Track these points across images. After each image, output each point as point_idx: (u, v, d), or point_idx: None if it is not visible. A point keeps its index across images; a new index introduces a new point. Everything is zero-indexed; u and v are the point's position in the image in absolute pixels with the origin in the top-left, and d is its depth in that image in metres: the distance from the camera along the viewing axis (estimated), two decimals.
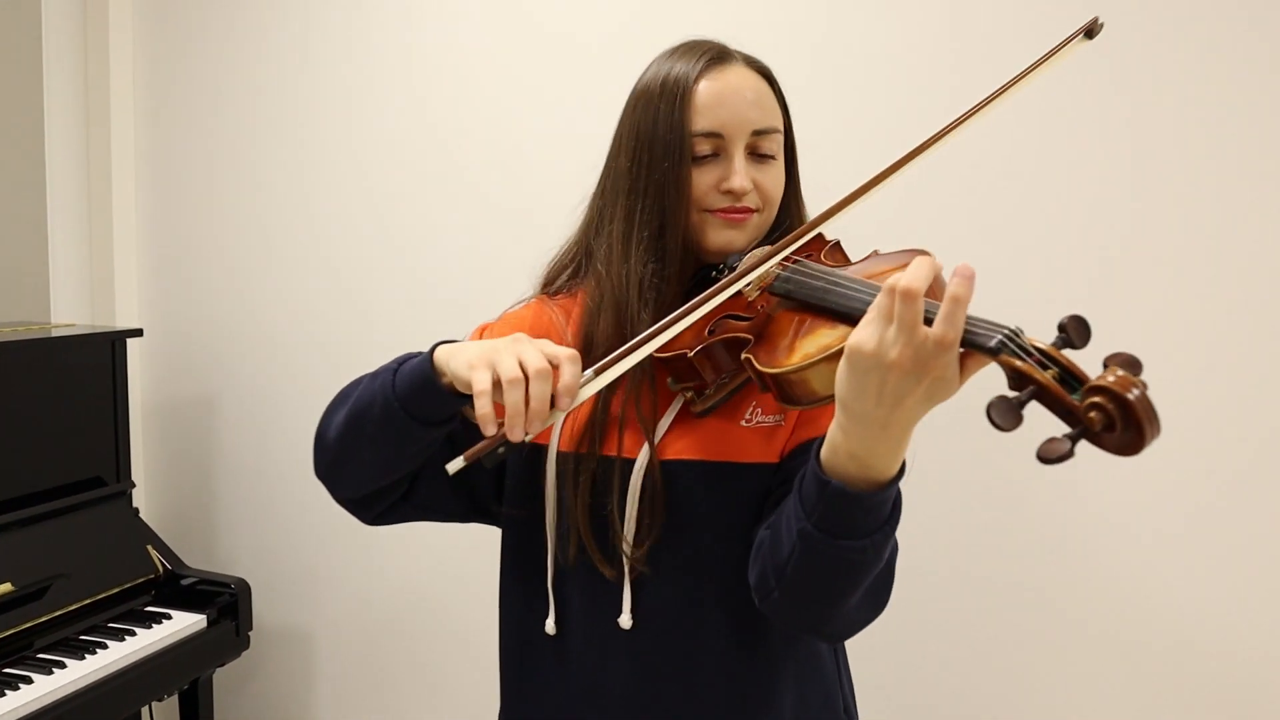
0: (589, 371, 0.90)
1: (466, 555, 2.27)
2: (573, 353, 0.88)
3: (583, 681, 1.06)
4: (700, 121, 1.03)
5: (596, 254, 1.08)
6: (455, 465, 0.87)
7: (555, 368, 0.87)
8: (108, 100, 2.51)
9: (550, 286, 1.16)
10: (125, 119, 2.55)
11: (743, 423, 1.03)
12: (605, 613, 1.04)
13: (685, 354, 0.97)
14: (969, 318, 0.77)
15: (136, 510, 2.32)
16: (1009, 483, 1.76)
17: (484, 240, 2.20)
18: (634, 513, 1.02)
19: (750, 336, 0.96)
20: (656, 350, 0.94)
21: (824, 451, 0.86)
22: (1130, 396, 0.68)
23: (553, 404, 0.86)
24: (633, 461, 1.03)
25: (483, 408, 0.85)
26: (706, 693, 1.04)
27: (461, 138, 2.21)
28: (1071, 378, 0.73)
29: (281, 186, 2.42)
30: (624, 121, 1.09)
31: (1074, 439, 0.70)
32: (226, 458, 2.53)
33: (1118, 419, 0.69)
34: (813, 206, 1.13)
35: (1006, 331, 0.76)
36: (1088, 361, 0.75)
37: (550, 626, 1.08)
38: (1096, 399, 0.70)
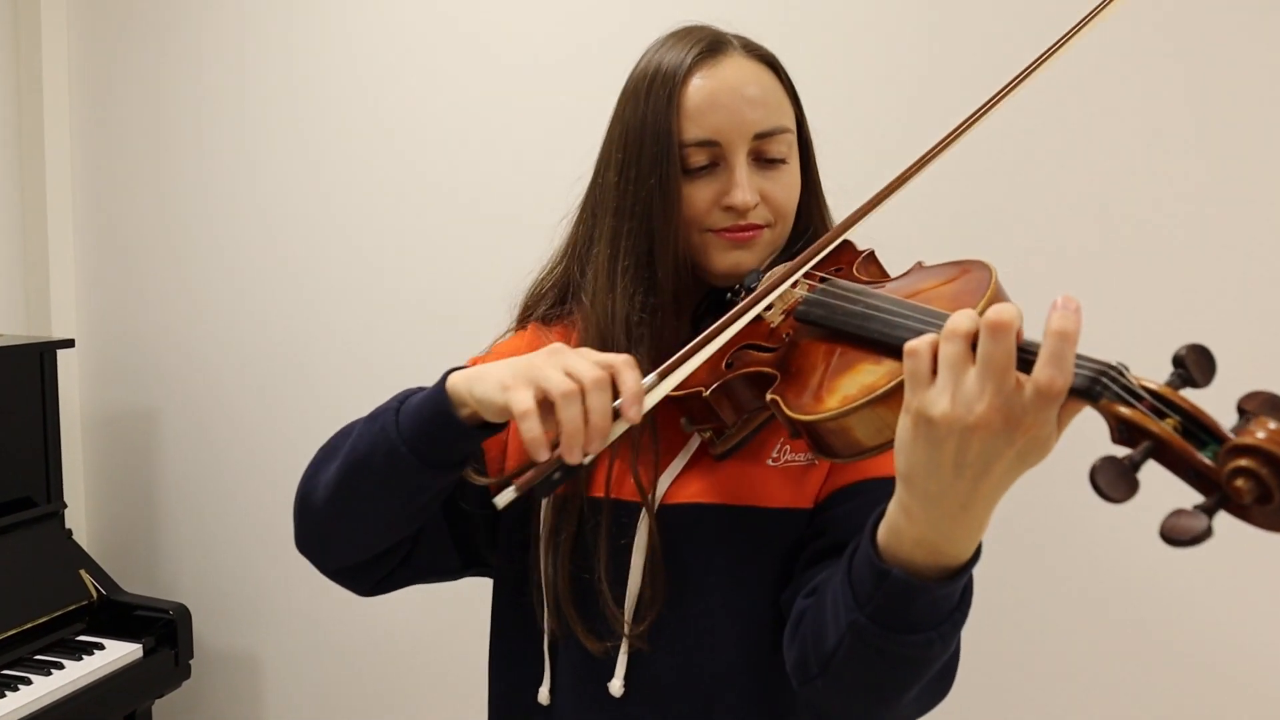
0: (651, 376, 0.78)
1: None
2: (627, 357, 0.76)
3: None
4: (692, 129, 0.89)
5: (582, 282, 0.94)
6: (505, 497, 0.75)
7: (612, 375, 0.74)
8: (40, 97, 2.36)
9: (531, 315, 1.02)
10: (60, 116, 2.40)
11: (769, 462, 0.89)
12: (598, 680, 0.91)
13: (700, 392, 0.82)
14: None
15: (69, 532, 2.18)
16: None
17: (446, 241, 2.09)
18: (638, 574, 0.87)
19: (775, 372, 0.81)
20: (671, 391, 0.81)
21: (883, 534, 0.70)
22: None
23: (615, 416, 0.74)
24: (631, 506, 0.89)
25: (530, 430, 0.72)
26: None
27: (419, 134, 2.09)
28: (1201, 429, 0.57)
29: (228, 188, 2.29)
30: (613, 125, 0.95)
31: (1211, 511, 0.54)
32: (170, 474, 2.40)
33: (1275, 487, 0.53)
34: (837, 212, 0.99)
35: (1108, 369, 0.60)
36: (1214, 404, 0.61)
37: (544, 696, 0.94)
38: (1243, 462, 0.54)
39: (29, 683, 1.82)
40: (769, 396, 0.78)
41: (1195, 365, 0.59)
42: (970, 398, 0.60)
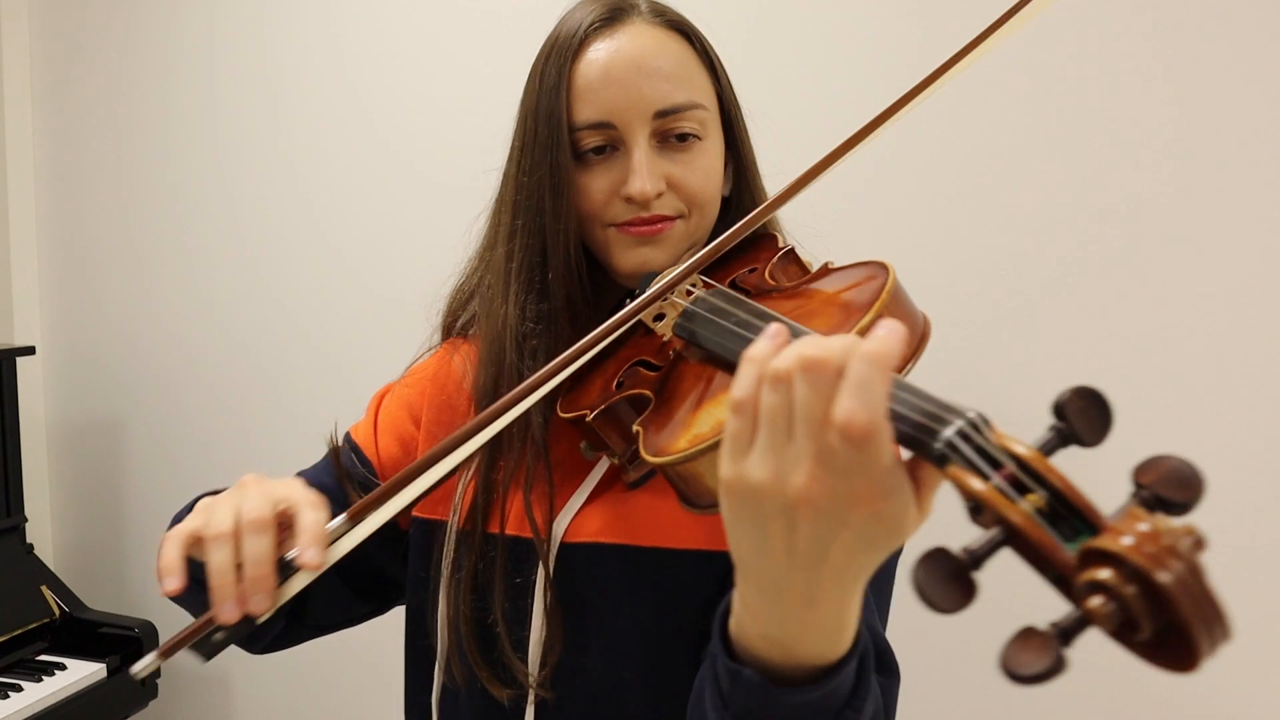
0: (341, 518, 0.65)
1: None
2: (315, 496, 0.64)
3: None
4: (583, 110, 0.77)
5: (480, 288, 0.85)
6: (143, 666, 0.62)
7: (286, 514, 0.63)
8: (1, 102, 2.28)
9: (453, 324, 0.93)
10: (22, 121, 2.33)
11: None
12: None
13: (585, 415, 0.72)
14: (902, 391, 0.47)
15: (30, 546, 2.09)
16: None
17: (421, 247, 2.02)
18: (539, 618, 0.77)
19: (651, 395, 0.69)
20: (563, 410, 0.72)
21: (732, 626, 0.57)
22: (1162, 579, 0.38)
23: (291, 567, 0.61)
24: (527, 543, 0.79)
25: (168, 584, 0.61)
26: None
27: (388, 144, 2.03)
28: (1072, 512, 0.42)
29: (193, 195, 2.21)
30: (518, 110, 0.83)
31: (1064, 637, 0.40)
32: (136, 485, 2.32)
33: (1141, 616, 0.38)
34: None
35: (961, 422, 0.45)
36: (1105, 468, 0.47)
37: None
38: (1101, 574, 0.39)
39: None
40: (635, 427, 0.66)
41: (1080, 416, 0.43)
42: (789, 463, 0.47)
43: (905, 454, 0.48)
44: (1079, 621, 0.39)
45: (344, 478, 0.88)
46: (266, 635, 0.85)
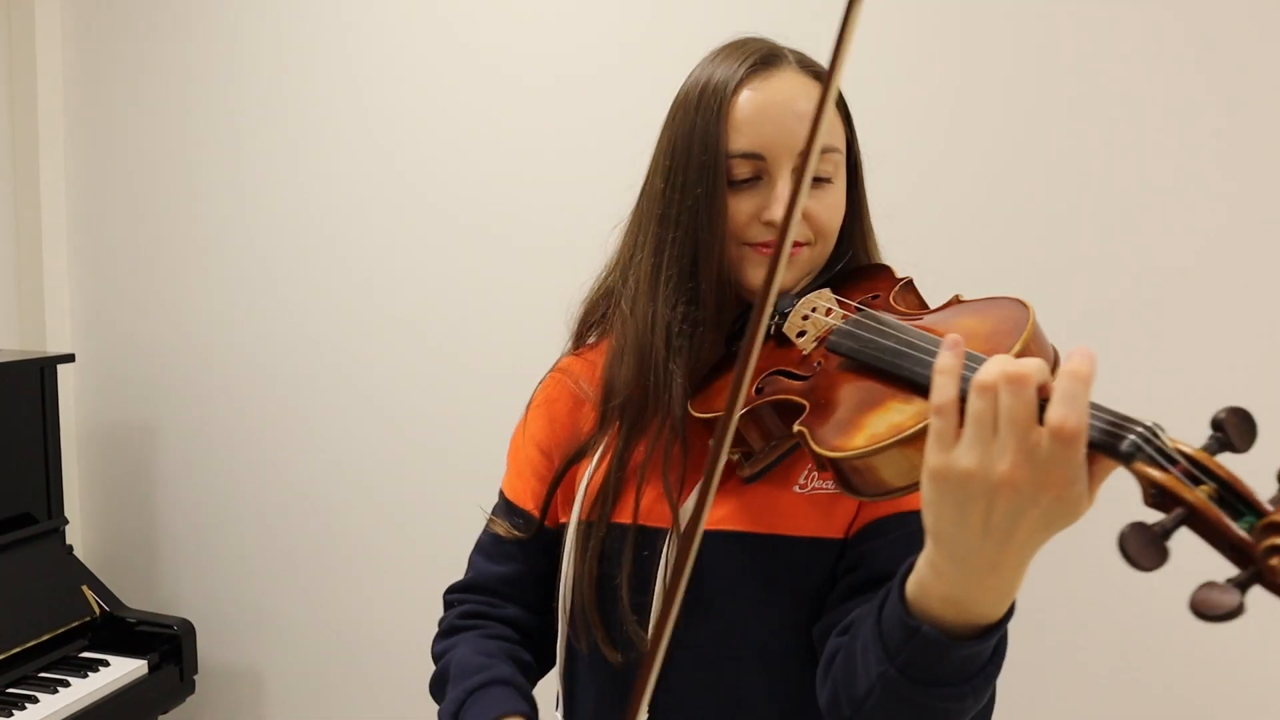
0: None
1: (419, 593, 2.14)
2: None
3: None
4: (739, 140, 0.88)
5: (623, 290, 0.95)
6: None
7: None
8: (35, 114, 2.35)
9: (584, 333, 1.03)
10: (55, 131, 2.39)
11: (796, 488, 0.88)
12: (616, 705, 0.92)
13: (746, 430, 0.82)
14: (1092, 406, 0.59)
15: (70, 548, 2.16)
16: None
17: (436, 255, 2.10)
18: (658, 589, 0.88)
19: (805, 402, 0.79)
20: (695, 409, 0.81)
21: (911, 588, 0.68)
22: None
23: None
24: (655, 530, 0.90)
25: None
26: None
27: (410, 146, 2.10)
28: (1237, 499, 0.55)
29: (222, 203, 2.29)
30: (663, 134, 0.94)
31: (1244, 586, 0.52)
32: (168, 489, 2.38)
33: None
34: (883, 236, 0.99)
35: (1138, 427, 0.58)
36: (1253, 470, 0.59)
37: (558, 718, 0.98)
38: (1277, 541, 0.52)
39: (36, 701, 1.81)
40: (797, 427, 0.77)
41: (1235, 429, 0.57)
42: (995, 455, 0.59)
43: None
44: (1255, 575, 0.53)
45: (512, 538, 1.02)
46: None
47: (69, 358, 2.19)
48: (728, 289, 0.91)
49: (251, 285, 2.27)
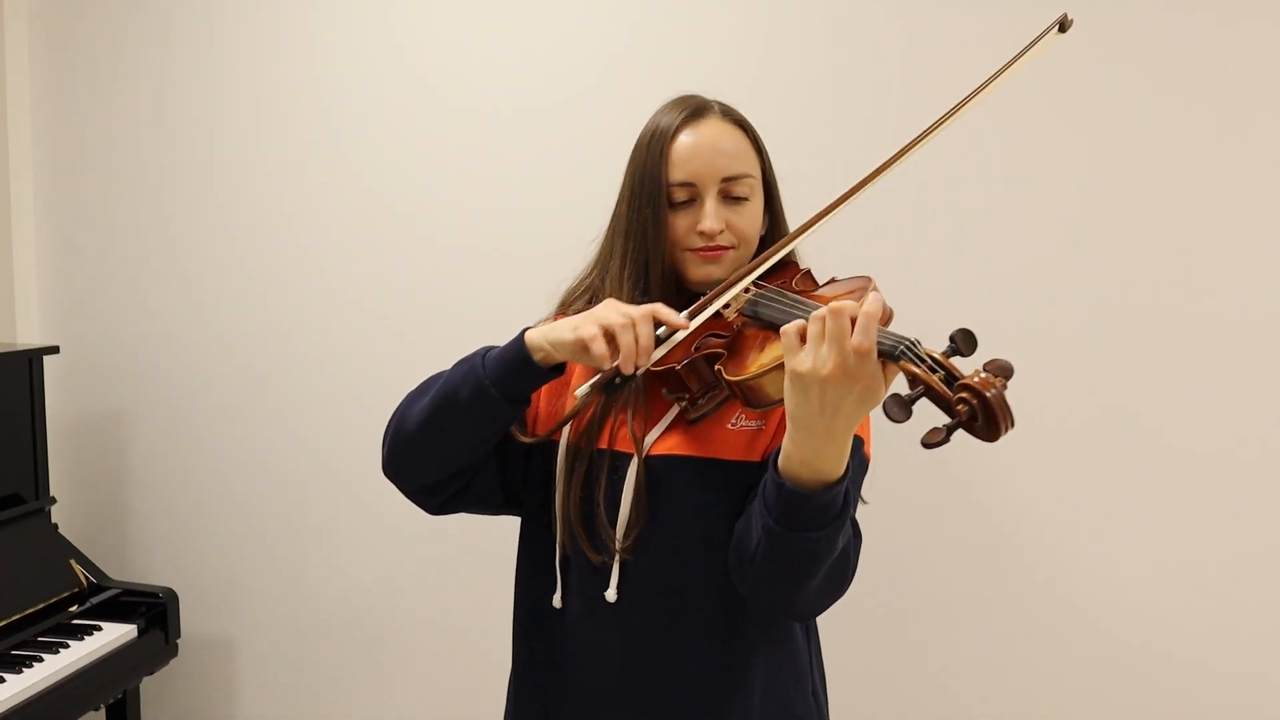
0: (684, 313, 1.10)
1: (388, 560, 2.38)
2: (657, 304, 1.10)
3: (580, 648, 1.22)
4: (676, 173, 1.19)
5: (602, 286, 1.25)
6: (582, 390, 1.08)
7: (654, 314, 1.08)
8: (4, 105, 2.46)
9: (565, 309, 1.30)
10: (23, 123, 2.51)
11: (729, 426, 1.18)
12: (596, 587, 1.20)
13: (674, 367, 1.13)
14: (881, 331, 0.93)
15: (56, 526, 2.34)
16: (977, 482, 2.00)
17: (402, 243, 2.30)
18: (627, 504, 1.17)
19: (723, 351, 1.12)
20: (652, 365, 1.11)
21: (780, 460, 1.01)
22: (989, 394, 0.84)
23: (658, 342, 1.07)
24: (625, 455, 1.18)
25: (599, 349, 1.05)
26: (687, 662, 1.19)
27: (373, 141, 2.30)
28: (953, 380, 0.88)
29: (191, 194, 2.44)
30: (627, 169, 1.25)
31: (949, 429, 0.86)
32: (144, 471, 2.55)
33: (979, 412, 0.85)
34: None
35: (907, 341, 0.92)
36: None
37: (557, 601, 1.23)
38: (963, 394, 0.86)
39: (41, 660, 2.00)
40: (716, 367, 1.10)
41: (963, 341, 0.91)
42: (822, 359, 0.92)
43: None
44: (954, 420, 0.86)
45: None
46: (453, 488, 1.23)
47: (54, 349, 2.36)
48: (671, 282, 1.22)
49: (220, 278, 2.44)
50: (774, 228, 1.28)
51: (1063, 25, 1.14)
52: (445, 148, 2.25)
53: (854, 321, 0.91)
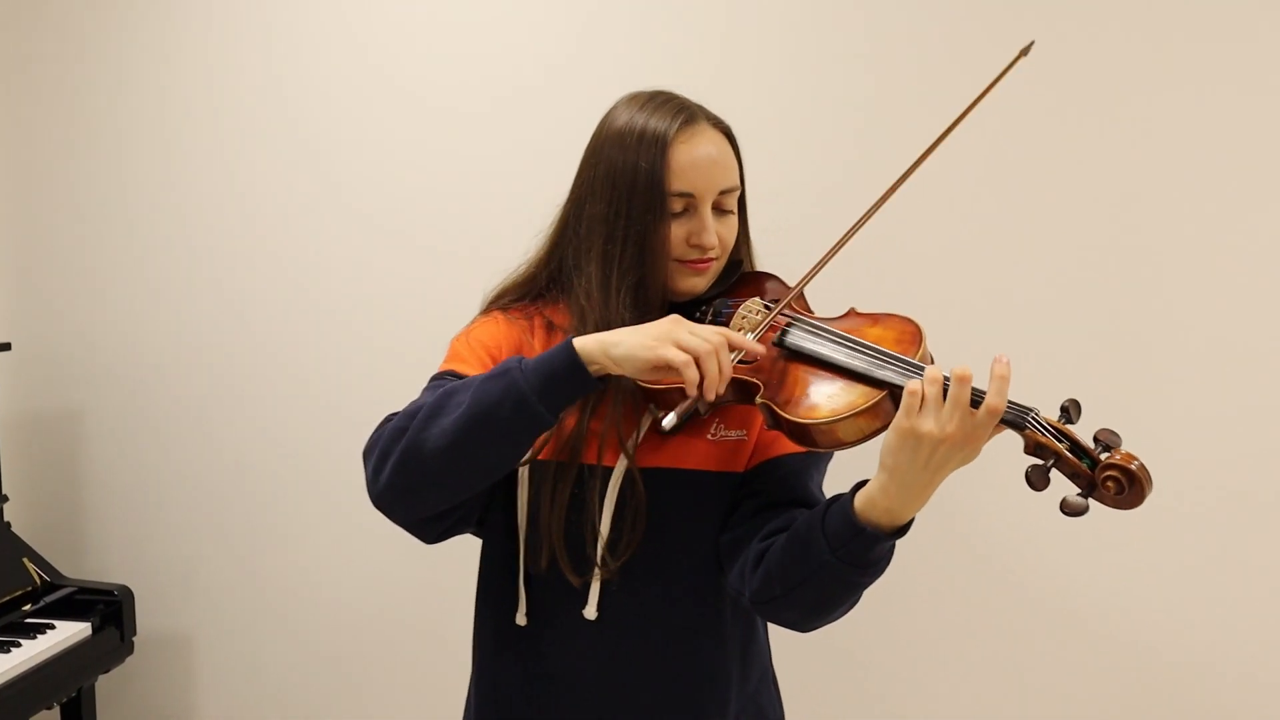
0: (751, 337, 1.09)
1: (346, 556, 2.38)
2: (727, 330, 1.06)
3: (553, 666, 1.19)
4: (676, 182, 1.12)
5: (575, 289, 1.16)
6: (670, 421, 1.05)
7: (729, 340, 1.05)
8: None
9: (495, 305, 1.25)
10: None
11: (709, 437, 1.16)
12: (572, 605, 1.17)
13: (684, 387, 1.03)
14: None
15: (9, 524, 2.31)
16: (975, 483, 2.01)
17: (358, 237, 2.30)
18: (609, 518, 1.14)
19: (759, 382, 1.07)
20: (647, 382, 1.08)
21: (860, 503, 1.00)
22: (1133, 468, 0.92)
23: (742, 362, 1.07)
24: (610, 469, 1.15)
25: (692, 375, 1.00)
26: (667, 674, 1.18)
27: (331, 135, 2.29)
28: (1080, 451, 0.95)
29: (148, 191, 2.42)
30: (597, 163, 1.16)
31: (1086, 496, 0.93)
32: (96, 468, 2.53)
33: (1127, 486, 0.92)
34: (761, 248, 1.28)
35: (1031, 410, 0.96)
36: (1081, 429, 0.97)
37: (521, 619, 1.20)
38: (1111, 473, 0.93)
39: None
40: (759, 400, 1.06)
41: (1074, 410, 0.96)
42: (944, 421, 0.93)
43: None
44: (1093, 492, 0.94)
45: None
46: (456, 515, 1.17)
47: (6, 346, 2.33)
48: (669, 295, 1.18)
49: (175, 275, 2.43)
50: (742, 240, 1.25)
51: (1025, 51, 1.14)
52: (404, 140, 2.26)
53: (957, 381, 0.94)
